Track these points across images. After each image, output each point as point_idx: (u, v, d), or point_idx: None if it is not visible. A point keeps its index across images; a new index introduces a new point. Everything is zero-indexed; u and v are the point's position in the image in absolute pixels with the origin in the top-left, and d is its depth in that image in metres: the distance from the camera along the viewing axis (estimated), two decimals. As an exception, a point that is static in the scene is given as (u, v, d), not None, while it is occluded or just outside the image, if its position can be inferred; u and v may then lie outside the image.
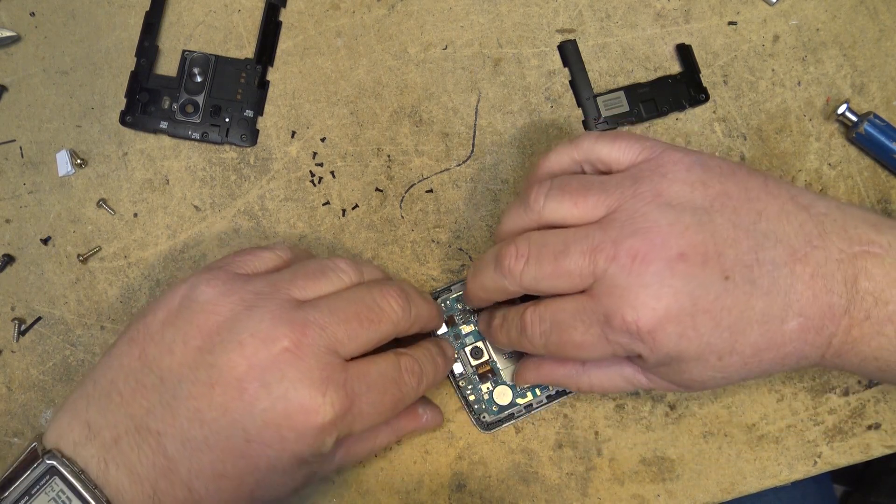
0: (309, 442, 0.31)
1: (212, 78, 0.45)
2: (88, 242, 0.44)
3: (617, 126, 0.44)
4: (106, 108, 0.45)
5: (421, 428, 0.40)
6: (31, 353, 0.43)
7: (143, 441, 0.31)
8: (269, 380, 0.30)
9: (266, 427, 0.30)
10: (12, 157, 0.45)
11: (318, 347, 0.31)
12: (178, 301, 0.33)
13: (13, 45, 0.46)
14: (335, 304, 0.33)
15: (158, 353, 0.32)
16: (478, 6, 0.46)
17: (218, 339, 0.31)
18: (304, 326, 0.31)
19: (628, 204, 0.33)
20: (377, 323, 0.33)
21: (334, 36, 0.46)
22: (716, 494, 0.41)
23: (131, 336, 0.33)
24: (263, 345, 0.31)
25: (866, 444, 0.42)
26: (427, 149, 0.45)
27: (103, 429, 0.31)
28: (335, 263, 0.35)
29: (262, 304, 0.32)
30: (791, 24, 0.45)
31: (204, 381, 0.31)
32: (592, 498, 0.41)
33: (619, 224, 0.32)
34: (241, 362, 0.31)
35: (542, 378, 0.39)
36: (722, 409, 0.42)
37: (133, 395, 0.31)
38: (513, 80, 0.45)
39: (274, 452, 0.31)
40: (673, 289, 0.31)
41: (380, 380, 0.33)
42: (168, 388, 0.31)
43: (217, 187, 0.44)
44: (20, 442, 0.42)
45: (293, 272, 0.34)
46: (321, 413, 0.31)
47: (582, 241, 0.33)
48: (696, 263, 0.31)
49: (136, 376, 0.32)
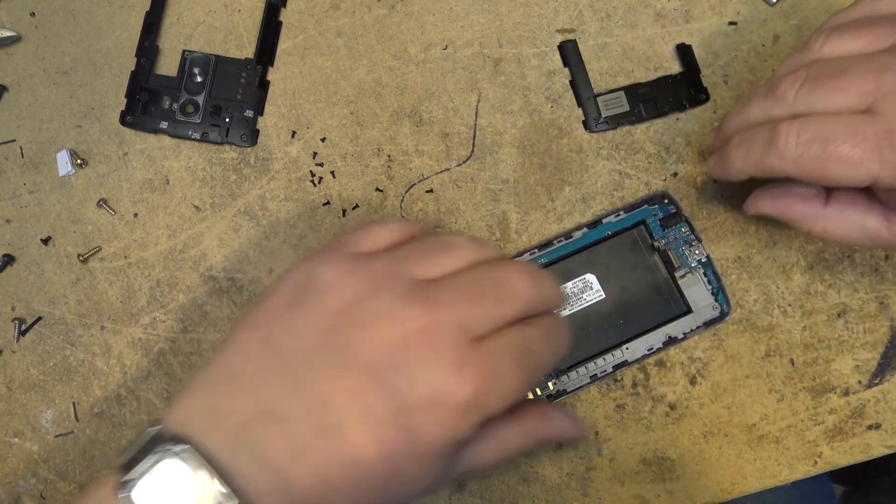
0: (448, 424, 0.29)
1: (212, 78, 0.45)
2: (88, 242, 0.44)
3: (617, 126, 0.44)
4: (106, 108, 0.45)
5: (555, 434, 0.36)
6: (32, 353, 0.43)
7: (272, 426, 0.29)
8: (402, 361, 0.29)
9: (402, 411, 0.29)
10: (12, 157, 0.45)
11: (449, 327, 0.30)
12: (299, 284, 0.32)
13: (13, 45, 0.46)
14: (463, 283, 0.31)
15: (282, 337, 0.30)
16: (478, 6, 0.46)
17: (346, 321, 0.30)
18: (434, 306, 0.30)
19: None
20: (506, 302, 0.32)
21: (334, 36, 0.46)
22: (716, 494, 0.41)
23: (251, 321, 0.32)
24: (394, 326, 0.29)
25: (866, 444, 0.42)
26: (427, 149, 0.45)
27: (231, 414, 0.30)
28: (454, 240, 0.33)
29: (388, 284, 0.30)
30: (791, 24, 0.45)
31: (333, 364, 0.29)
32: (592, 498, 0.41)
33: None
34: (373, 344, 0.29)
35: (779, 209, 0.37)
36: (722, 409, 0.42)
37: (259, 381, 0.30)
38: (513, 80, 0.45)
39: (410, 438, 0.29)
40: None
41: (513, 353, 0.31)
42: (295, 372, 0.30)
43: (217, 187, 0.44)
44: (20, 442, 0.42)
45: (414, 250, 0.33)
46: (459, 393, 0.29)
47: (868, 62, 0.31)
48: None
49: (260, 361, 0.30)
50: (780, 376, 0.42)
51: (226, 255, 0.44)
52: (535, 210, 0.44)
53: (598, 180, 0.44)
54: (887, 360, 0.42)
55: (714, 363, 0.42)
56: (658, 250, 0.43)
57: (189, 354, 0.43)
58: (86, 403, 0.43)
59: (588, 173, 0.44)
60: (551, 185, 0.44)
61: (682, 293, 0.42)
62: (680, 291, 0.42)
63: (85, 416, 0.43)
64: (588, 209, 0.44)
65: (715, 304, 0.42)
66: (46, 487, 0.42)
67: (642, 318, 0.42)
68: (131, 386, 0.43)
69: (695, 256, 0.43)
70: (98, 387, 0.43)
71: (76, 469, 0.42)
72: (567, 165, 0.44)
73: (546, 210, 0.44)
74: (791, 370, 0.42)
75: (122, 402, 0.43)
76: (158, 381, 0.43)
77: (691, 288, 0.42)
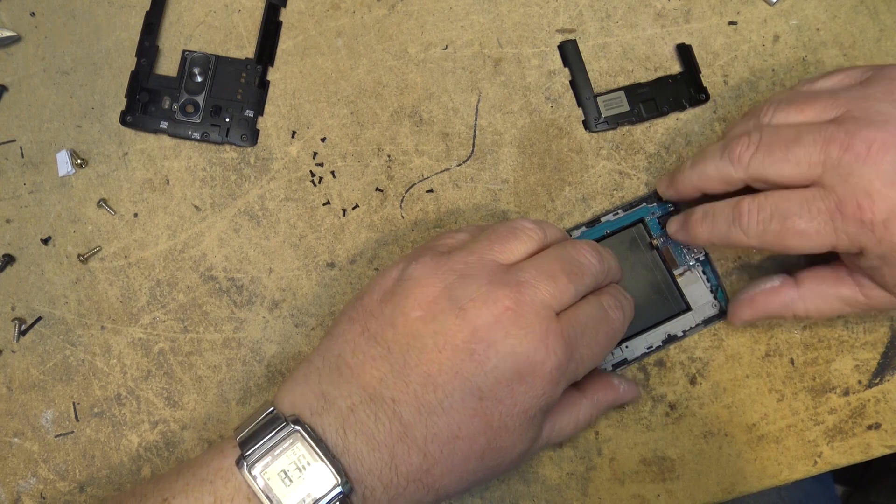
0: (539, 392, 0.33)
1: (212, 78, 0.45)
2: (88, 242, 0.44)
3: (617, 126, 0.44)
4: (106, 108, 0.45)
5: (619, 399, 0.40)
6: (32, 353, 0.43)
7: (379, 409, 0.32)
8: (494, 338, 0.32)
9: (497, 384, 0.32)
10: (12, 157, 0.45)
11: (534, 304, 0.33)
12: (392, 281, 0.35)
13: (13, 45, 0.46)
14: (541, 263, 0.35)
15: (380, 327, 0.34)
16: (478, 6, 0.46)
17: (438, 307, 0.33)
18: (519, 286, 0.33)
19: (860, 104, 0.34)
20: (580, 276, 0.35)
21: (334, 36, 0.46)
22: (716, 494, 0.41)
23: (350, 316, 0.35)
24: (485, 307, 0.32)
25: (866, 444, 0.42)
26: (427, 149, 0.45)
27: (338, 399, 0.33)
28: (521, 225, 0.37)
29: (474, 272, 0.34)
30: (791, 24, 0.45)
31: (431, 347, 0.32)
32: (593, 498, 0.41)
33: (853, 119, 0.33)
34: (466, 326, 0.32)
35: (759, 310, 0.39)
36: (722, 409, 0.42)
37: (363, 367, 0.33)
38: (513, 80, 0.45)
39: (506, 408, 0.32)
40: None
41: (590, 321, 0.35)
42: (397, 357, 0.33)
43: (217, 187, 0.44)
44: (20, 442, 0.42)
45: (488, 238, 0.36)
46: (548, 362, 0.32)
47: (815, 131, 0.34)
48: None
49: (363, 350, 0.34)
50: (780, 376, 0.42)
51: (226, 255, 0.44)
52: (535, 210, 0.44)
53: (598, 180, 0.44)
54: (887, 360, 0.42)
55: (714, 363, 0.42)
56: (657, 248, 0.43)
57: (189, 354, 0.43)
58: (86, 403, 0.43)
59: (588, 173, 0.44)
60: (551, 185, 0.44)
61: (682, 291, 0.42)
62: (679, 289, 0.42)
63: (85, 416, 0.43)
64: (588, 209, 0.44)
65: (714, 301, 0.42)
66: (46, 487, 0.42)
67: (641, 317, 0.42)
68: (131, 386, 0.43)
69: (693, 254, 0.43)
70: (98, 387, 0.43)
71: (76, 469, 0.42)
72: (567, 165, 0.44)
73: (546, 210, 0.44)
74: (791, 370, 0.42)
75: (122, 402, 0.43)
76: (158, 381, 0.43)
77: (690, 286, 0.43)
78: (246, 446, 0.32)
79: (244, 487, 0.32)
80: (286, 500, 0.31)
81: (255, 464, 0.32)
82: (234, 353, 0.43)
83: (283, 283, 0.43)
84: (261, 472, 0.32)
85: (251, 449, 0.32)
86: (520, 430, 0.33)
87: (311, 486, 0.31)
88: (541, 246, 0.36)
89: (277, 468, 0.32)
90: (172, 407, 0.43)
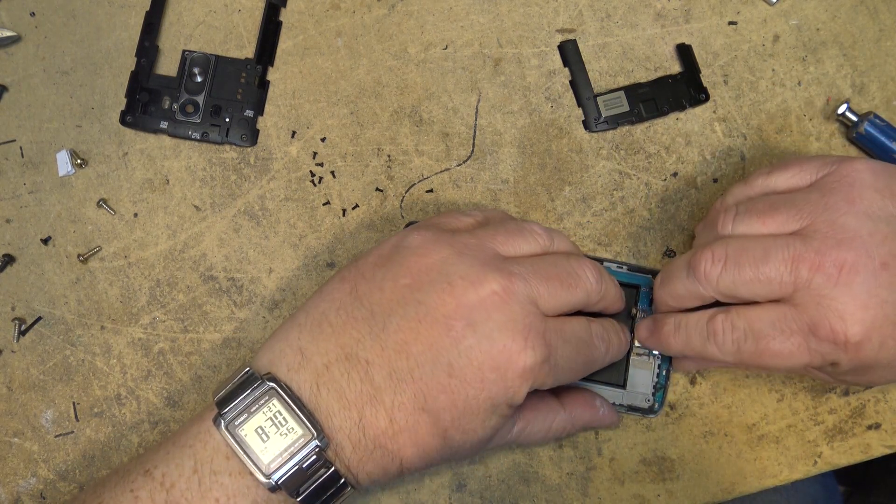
0: (507, 385, 0.33)
1: (212, 78, 0.45)
2: (88, 242, 0.44)
3: (617, 126, 0.44)
4: (106, 108, 0.45)
5: (597, 421, 0.40)
6: (32, 353, 0.43)
7: (353, 368, 0.33)
8: (475, 319, 0.32)
9: (469, 364, 0.32)
10: (12, 157, 0.45)
11: (522, 297, 0.33)
12: (390, 248, 0.35)
13: (13, 45, 0.46)
14: (537, 263, 0.35)
15: (369, 289, 0.34)
16: (478, 6, 0.46)
17: (427, 278, 0.33)
18: (510, 276, 0.33)
19: (822, 216, 0.34)
20: (574, 288, 0.35)
21: (334, 36, 0.46)
22: (716, 494, 0.41)
23: (343, 275, 0.35)
24: (472, 287, 0.33)
25: (866, 444, 0.42)
26: (427, 149, 0.45)
27: (315, 356, 0.33)
28: (531, 227, 0.37)
29: (471, 252, 0.34)
30: (791, 23, 0.45)
31: (412, 316, 0.33)
32: (593, 498, 0.41)
33: (821, 235, 0.33)
34: (450, 301, 0.32)
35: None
36: (722, 409, 0.42)
37: (344, 326, 0.34)
38: (513, 80, 0.45)
39: (473, 391, 0.32)
40: (879, 298, 0.32)
41: (574, 338, 0.35)
42: (378, 320, 0.33)
43: (217, 187, 0.44)
44: (20, 442, 0.42)
45: (494, 229, 0.36)
46: (522, 357, 0.32)
47: (783, 248, 0.33)
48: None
49: (347, 309, 0.34)
50: (779, 376, 0.42)
51: (226, 255, 0.44)
52: (535, 210, 0.44)
53: (598, 180, 0.44)
54: (887, 360, 0.42)
55: (714, 363, 0.42)
56: (633, 318, 0.42)
57: (189, 354, 0.43)
58: (86, 403, 0.43)
59: (588, 173, 0.44)
60: (551, 184, 0.44)
61: (627, 367, 0.41)
62: (627, 365, 0.41)
63: (85, 416, 0.43)
64: (588, 209, 0.44)
65: (650, 397, 0.41)
66: (46, 487, 0.42)
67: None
68: (131, 386, 0.43)
69: None
70: (98, 387, 0.43)
71: (76, 469, 0.42)
72: (567, 165, 0.44)
73: (546, 210, 0.44)
74: (791, 370, 0.42)
75: (122, 402, 0.43)
76: (158, 381, 0.43)
77: (639, 370, 0.41)
78: (223, 406, 0.33)
79: (223, 447, 0.33)
80: (264, 455, 0.32)
81: (232, 422, 0.32)
82: (234, 353, 0.43)
83: (283, 283, 0.43)
84: (237, 430, 0.32)
85: (227, 408, 0.33)
86: (482, 417, 0.33)
87: (287, 441, 0.32)
88: (545, 251, 0.36)
89: (254, 425, 0.32)
90: (172, 407, 0.43)
